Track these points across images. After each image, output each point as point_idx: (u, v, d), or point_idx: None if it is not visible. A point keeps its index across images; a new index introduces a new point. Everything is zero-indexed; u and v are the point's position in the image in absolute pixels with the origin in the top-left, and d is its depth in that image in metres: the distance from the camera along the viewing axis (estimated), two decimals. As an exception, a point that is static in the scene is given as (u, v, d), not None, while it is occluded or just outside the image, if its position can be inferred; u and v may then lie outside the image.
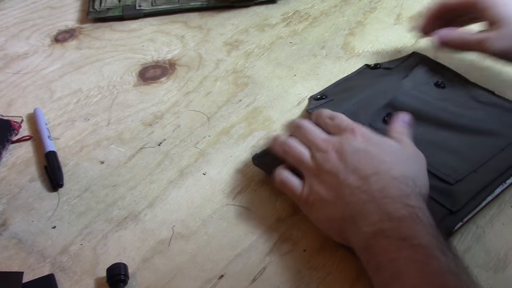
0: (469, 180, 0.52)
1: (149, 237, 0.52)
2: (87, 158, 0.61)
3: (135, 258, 0.51)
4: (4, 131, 0.63)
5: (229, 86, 0.70)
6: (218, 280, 0.48)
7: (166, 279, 0.49)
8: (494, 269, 0.48)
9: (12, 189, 0.58)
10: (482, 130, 0.57)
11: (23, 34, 0.82)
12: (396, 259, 0.41)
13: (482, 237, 0.50)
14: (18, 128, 0.64)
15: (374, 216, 0.43)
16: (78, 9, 0.87)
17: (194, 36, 0.80)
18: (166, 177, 0.58)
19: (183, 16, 0.84)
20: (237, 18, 0.83)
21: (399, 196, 0.44)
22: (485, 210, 0.52)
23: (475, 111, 0.59)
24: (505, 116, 0.59)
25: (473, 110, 0.60)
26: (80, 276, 0.49)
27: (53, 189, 0.57)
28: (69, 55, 0.78)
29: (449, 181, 0.52)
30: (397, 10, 0.82)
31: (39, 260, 0.51)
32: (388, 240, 0.42)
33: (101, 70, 0.74)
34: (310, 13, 0.83)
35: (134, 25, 0.83)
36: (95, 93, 0.70)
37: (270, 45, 0.77)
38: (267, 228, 0.52)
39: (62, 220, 0.54)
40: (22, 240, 0.53)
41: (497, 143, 0.55)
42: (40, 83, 0.73)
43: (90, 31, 0.82)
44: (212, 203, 0.55)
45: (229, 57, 0.75)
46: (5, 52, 0.79)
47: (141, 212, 0.55)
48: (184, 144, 0.62)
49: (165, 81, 0.72)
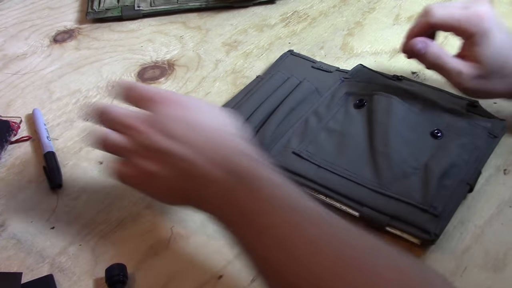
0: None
1: (148, 238, 0.52)
2: (86, 159, 0.61)
3: (134, 258, 0.51)
4: (3, 131, 0.63)
5: (228, 87, 0.70)
6: (217, 280, 0.48)
7: (165, 280, 0.49)
8: (493, 269, 0.48)
9: (11, 190, 0.58)
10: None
11: (22, 35, 0.82)
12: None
13: (481, 237, 0.50)
14: (17, 129, 0.64)
15: (217, 173, 0.43)
16: (77, 10, 0.88)
17: (193, 37, 0.80)
18: (165, 177, 0.58)
19: (182, 16, 0.84)
20: (236, 18, 0.83)
21: (219, 151, 0.44)
22: (484, 210, 0.52)
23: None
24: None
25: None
26: (79, 276, 0.49)
27: (52, 190, 0.57)
28: (68, 55, 0.78)
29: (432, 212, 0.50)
30: (396, 11, 0.82)
31: (38, 261, 0.51)
32: (242, 191, 0.41)
33: (100, 71, 0.74)
34: (309, 13, 0.83)
35: (133, 25, 0.83)
36: (94, 94, 0.70)
37: (269, 46, 0.77)
38: (266, 229, 0.52)
39: (61, 221, 0.54)
40: (21, 241, 0.53)
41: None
42: (39, 83, 0.73)
43: (89, 32, 0.82)
44: (211, 203, 0.55)
45: (228, 58, 0.75)
46: (4, 53, 0.79)
47: (139, 213, 0.55)
48: (183, 145, 0.62)
49: (164, 81, 0.72)
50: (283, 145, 0.57)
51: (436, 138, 0.56)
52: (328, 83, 0.65)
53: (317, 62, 0.70)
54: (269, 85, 0.65)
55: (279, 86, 0.64)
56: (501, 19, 0.56)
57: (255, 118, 0.60)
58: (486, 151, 0.56)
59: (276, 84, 0.65)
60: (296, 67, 0.69)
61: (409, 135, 0.56)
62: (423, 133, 0.57)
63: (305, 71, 0.68)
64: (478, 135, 0.57)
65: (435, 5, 0.57)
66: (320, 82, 0.65)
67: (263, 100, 0.62)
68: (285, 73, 0.67)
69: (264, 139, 0.57)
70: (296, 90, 0.64)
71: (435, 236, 0.48)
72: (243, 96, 0.65)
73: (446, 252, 0.49)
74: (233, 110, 0.59)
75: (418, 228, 0.49)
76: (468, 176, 0.53)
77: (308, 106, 0.62)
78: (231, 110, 0.58)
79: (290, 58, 0.71)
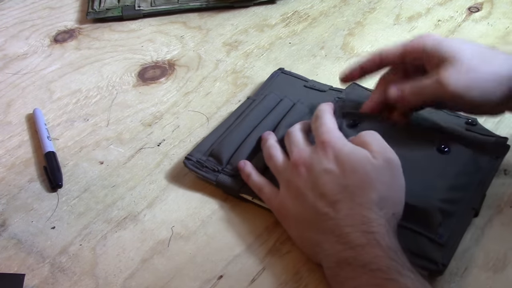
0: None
1: (148, 238, 0.52)
2: (87, 159, 0.61)
3: (134, 258, 0.51)
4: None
5: (228, 87, 0.70)
6: (217, 280, 0.48)
7: (165, 280, 0.49)
8: (493, 270, 0.48)
9: (12, 190, 0.58)
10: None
11: (22, 35, 0.82)
12: (358, 286, 0.42)
13: (481, 237, 0.50)
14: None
15: (338, 246, 0.45)
16: (77, 10, 0.88)
17: (194, 37, 0.80)
18: (166, 177, 0.58)
19: (183, 16, 0.85)
20: (237, 18, 0.83)
21: (360, 224, 0.44)
22: (484, 210, 0.52)
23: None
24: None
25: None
26: (80, 276, 0.49)
27: (52, 190, 0.57)
28: (69, 55, 0.78)
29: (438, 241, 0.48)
30: (396, 11, 0.82)
31: (39, 261, 0.51)
32: (350, 267, 0.43)
33: (100, 71, 0.74)
34: (309, 13, 0.83)
35: (134, 25, 0.83)
36: (94, 94, 0.71)
37: (269, 46, 0.77)
38: (266, 229, 0.52)
39: (62, 221, 0.54)
40: (22, 241, 0.53)
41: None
42: (40, 83, 0.73)
43: (89, 32, 0.82)
44: (211, 203, 0.55)
45: (228, 58, 0.75)
46: (4, 53, 0.79)
47: (140, 213, 0.55)
48: (183, 145, 0.62)
49: (164, 81, 0.72)
50: None
51: (443, 153, 0.54)
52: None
53: (310, 81, 0.67)
54: (262, 107, 0.61)
55: (272, 109, 0.61)
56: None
57: (248, 145, 0.57)
58: (489, 173, 0.54)
59: (269, 106, 0.61)
60: (288, 87, 0.66)
61: (411, 154, 0.53)
62: (428, 149, 0.54)
63: (297, 91, 0.65)
64: (481, 156, 0.55)
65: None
66: (314, 102, 0.60)
67: (256, 124, 0.59)
68: (277, 94, 0.63)
69: (258, 166, 0.55)
70: (290, 113, 0.60)
71: (443, 267, 0.46)
72: (235, 119, 0.61)
73: (446, 252, 0.49)
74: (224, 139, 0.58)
75: (425, 258, 0.47)
76: (473, 201, 0.51)
77: None
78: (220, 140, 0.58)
79: (281, 76, 0.68)
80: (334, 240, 0.45)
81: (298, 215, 0.49)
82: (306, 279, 0.48)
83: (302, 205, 0.48)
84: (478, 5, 0.82)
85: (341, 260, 0.44)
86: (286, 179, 0.50)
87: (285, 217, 0.50)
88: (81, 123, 0.66)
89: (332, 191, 0.47)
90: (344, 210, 0.45)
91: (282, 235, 0.52)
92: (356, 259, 0.43)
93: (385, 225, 0.44)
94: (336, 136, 0.50)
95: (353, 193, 0.46)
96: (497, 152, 0.56)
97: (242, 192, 0.54)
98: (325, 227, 0.46)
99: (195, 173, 0.56)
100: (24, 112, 0.68)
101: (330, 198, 0.46)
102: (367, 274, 0.42)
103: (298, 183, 0.49)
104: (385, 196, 0.46)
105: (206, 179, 0.56)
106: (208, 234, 0.52)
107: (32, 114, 0.67)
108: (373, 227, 0.44)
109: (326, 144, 0.49)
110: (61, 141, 0.64)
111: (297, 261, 0.49)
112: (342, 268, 0.44)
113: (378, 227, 0.44)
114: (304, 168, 0.49)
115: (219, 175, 0.55)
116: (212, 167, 0.56)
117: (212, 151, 0.57)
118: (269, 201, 0.52)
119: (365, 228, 0.44)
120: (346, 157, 0.48)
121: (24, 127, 0.66)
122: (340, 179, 0.47)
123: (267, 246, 0.51)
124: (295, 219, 0.49)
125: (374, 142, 0.49)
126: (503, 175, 0.56)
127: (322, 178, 0.47)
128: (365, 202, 0.45)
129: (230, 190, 0.55)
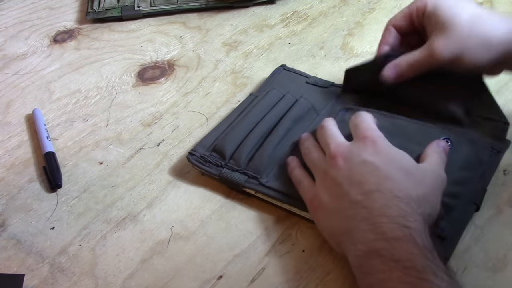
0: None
1: (148, 238, 0.52)
2: (86, 159, 0.61)
3: (134, 258, 0.51)
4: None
5: (228, 87, 0.70)
6: (217, 280, 0.48)
7: (165, 280, 0.49)
8: (493, 269, 0.48)
9: (11, 190, 0.58)
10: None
11: (22, 35, 0.82)
12: (388, 280, 0.41)
13: (481, 237, 0.50)
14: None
15: (370, 235, 0.43)
16: (76, 10, 0.88)
17: (193, 37, 0.80)
18: (165, 177, 0.58)
19: (182, 16, 0.85)
20: (236, 18, 0.83)
21: (397, 216, 0.43)
22: (484, 210, 0.52)
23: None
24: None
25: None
26: (79, 276, 0.49)
27: (52, 190, 0.57)
28: (68, 55, 0.78)
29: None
30: (396, 11, 0.81)
31: (38, 261, 0.51)
32: (381, 259, 0.42)
33: (100, 71, 0.74)
34: (308, 13, 0.83)
35: (133, 25, 0.83)
36: (94, 94, 0.70)
37: (269, 46, 0.77)
38: (266, 229, 0.52)
39: (61, 221, 0.54)
40: (21, 241, 0.53)
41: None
42: (39, 83, 0.73)
43: (89, 32, 0.82)
44: (211, 204, 0.55)
45: (228, 58, 0.75)
46: (4, 53, 0.79)
47: (140, 213, 0.55)
48: (183, 145, 0.62)
49: (164, 81, 0.72)
50: (281, 170, 0.55)
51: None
52: (325, 100, 0.63)
53: (311, 78, 0.67)
54: (264, 103, 0.61)
55: (274, 104, 0.61)
56: None
57: (251, 140, 0.57)
58: (490, 168, 0.54)
59: (272, 102, 0.61)
60: (290, 83, 0.66)
61: (413, 147, 0.52)
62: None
63: (299, 87, 0.65)
64: (481, 150, 0.55)
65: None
66: (316, 98, 0.63)
67: (259, 120, 0.59)
68: (280, 90, 0.63)
69: (261, 163, 0.55)
70: (293, 108, 0.60)
71: (445, 261, 0.46)
72: (237, 116, 0.61)
73: (446, 252, 0.49)
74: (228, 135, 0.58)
75: None
76: (474, 195, 0.51)
77: (305, 125, 0.59)
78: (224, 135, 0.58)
79: (283, 73, 0.69)
80: (366, 229, 0.44)
81: (330, 204, 0.48)
82: (306, 279, 0.48)
83: (336, 194, 0.47)
84: (478, 5, 0.82)
85: (371, 250, 0.42)
86: (323, 171, 0.50)
87: (316, 208, 0.49)
88: (80, 123, 0.66)
89: (369, 180, 0.46)
90: (381, 200, 0.44)
91: (282, 235, 0.52)
92: (389, 252, 0.41)
93: (422, 223, 0.44)
94: (379, 134, 0.50)
95: (392, 186, 0.45)
96: (498, 147, 0.55)
97: (245, 187, 0.54)
98: (358, 215, 0.45)
99: (198, 168, 0.57)
100: (24, 112, 0.68)
101: (366, 186, 0.46)
102: (401, 270, 0.40)
103: (334, 173, 0.48)
104: (424, 195, 0.46)
105: (209, 174, 0.56)
106: (207, 234, 0.52)
107: (31, 114, 0.67)
108: (410, 222, 0.43)
109: (368, 138, 0.49)
110: (61, 141, 0.64)
111: (297, 261, 0.49)
112: (372, 258, 0.42)
113: (415, 223, 0.43)
114: (342, 159, 0.48)
115: (222, 170, 0.55)
116: (216, 162, 0.56)
117: (215, 146, 0.57)
118: (304, 193, 0.51)
119: (401, 221, 0.43)
120: (388, 152, 0.48)
121: (24, 127, 0.66)
122: (378, 170, 0.46)
123: (267, 246, 0.51)
124: (327, 208, 0.48)
125: (432, 156, 0.50)
126: (503, 175, 0.56)
127: (359, 167, 0.47)
128: (404, 197, 0.45)
129: (234, 184, 0.55)
